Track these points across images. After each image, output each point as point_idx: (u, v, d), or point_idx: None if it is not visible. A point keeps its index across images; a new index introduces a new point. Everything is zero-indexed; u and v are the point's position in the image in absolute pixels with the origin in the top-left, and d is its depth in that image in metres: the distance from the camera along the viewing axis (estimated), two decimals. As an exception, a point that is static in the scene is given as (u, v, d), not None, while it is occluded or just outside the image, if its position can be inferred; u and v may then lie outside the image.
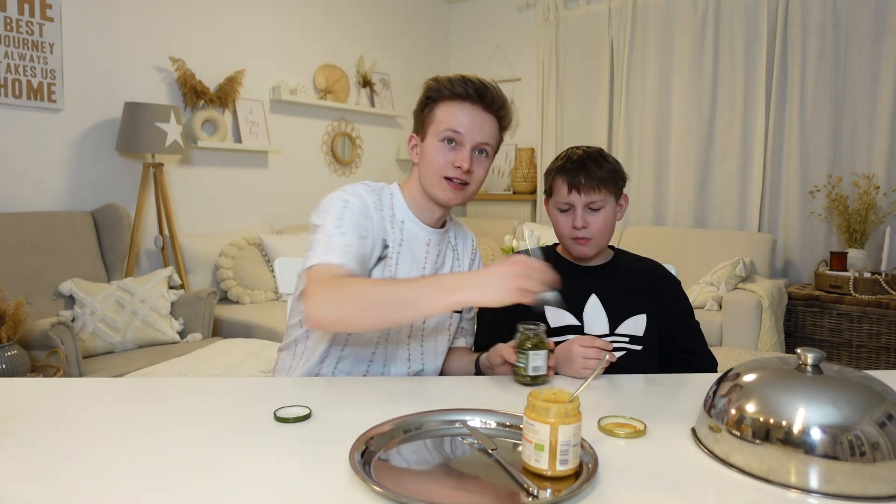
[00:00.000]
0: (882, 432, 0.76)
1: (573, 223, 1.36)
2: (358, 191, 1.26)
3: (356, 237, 1.18)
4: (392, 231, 1.28)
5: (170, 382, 1.20)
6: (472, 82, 1.23)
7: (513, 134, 5.01)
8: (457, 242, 1.42)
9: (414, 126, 1.33)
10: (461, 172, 1.22)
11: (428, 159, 1.25)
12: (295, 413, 0.96)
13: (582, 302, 1.39)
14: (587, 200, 1.34)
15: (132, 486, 0.75)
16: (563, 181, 1.36)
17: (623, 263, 1.47)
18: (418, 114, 1.30)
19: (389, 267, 1.27)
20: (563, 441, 0.76)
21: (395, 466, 0.82)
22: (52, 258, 2.66)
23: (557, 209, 1.39)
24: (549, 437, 0.76)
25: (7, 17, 2.70)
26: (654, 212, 4.35)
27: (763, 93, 3.87)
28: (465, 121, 1.23)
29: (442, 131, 1.23)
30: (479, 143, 1.24)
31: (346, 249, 1.14)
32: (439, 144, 1.24)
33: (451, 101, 1.24)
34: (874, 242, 3.62)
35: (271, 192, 3.91)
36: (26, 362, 2.14)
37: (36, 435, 0.90)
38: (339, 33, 4.32)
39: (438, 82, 1.25)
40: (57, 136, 2.91)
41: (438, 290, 1.01)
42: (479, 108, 1.24)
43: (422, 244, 1.31)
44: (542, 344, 1.15)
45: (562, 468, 0.77)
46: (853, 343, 3.31)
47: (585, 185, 1.33)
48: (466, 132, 1.23)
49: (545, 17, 4.67)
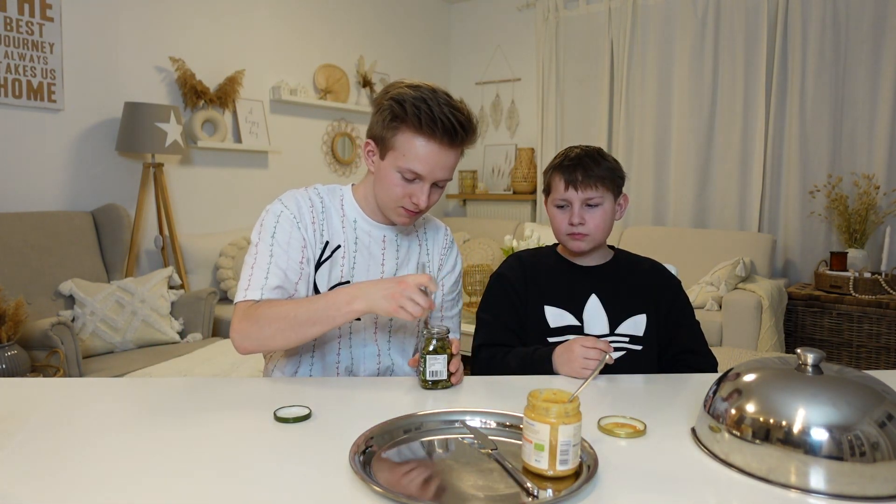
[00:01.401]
0: (882, 432, 0.76)
1: (570, 219, 1.36)
2: (296, 198, 1.28)
3: (283, 254, 1.22)
4: (345, 231, 1.30)
5: (170, 382, 1.20)
6: (442, 122, 1.14)
7: (513, 134, 5.02)
8: (426, 236, 1.41)
9: (371, 130, 1.24)
10: (417, 207, 1.22)
11: (385, 186, 1.22)
12: (295, 413, 0.96)
13: (582, 302, 1.39)
14: (584, 197, 1.35)
15: (132, 486, 0.75)
16: (560, 178, 1.37)
17: (623, 263, 1.47)
18: (380, 125, 1.21)
19: (340, 267, 1.28)
20: (563, 441, 0.77)
21: (395, 467, 0.82)
22: (52, 258, 2.66)
23: (555, 206, 1.39)
24: (549, 437, 0.77)
25: (7, 17, 2.70)
26: (654, 212, 4.35)
27: (763, 93, 3.87)
28: (427, 162, 1.17)
29: (402, 167, 1.18)
30: (439, 180, 1.21)
31: (266, 281, 1.21)
32: (397, 176, 1.19)
33: (416, 134, 1.16)
34: (874, 242, 3.62)
35: (271, 192, 3.91)
36: (26, 362, 2.14)
37: (36, 435, 0.90)
38: (339, 33, 4.32)
39: (405, 108, 1.15)
40: (57, 136, 2.91)
41: (337, 304, 1.12)
42: (445, 147, 1.17)
43: (377, 242, 1.32)
44: (442, 349, 1.12)
45: (562, 468, 0.77)
46: (853, 343, 3.31)
47: (582, 181, 1.34)
48: (428, 173, 1.18)
49: (545, 17, 4.67)
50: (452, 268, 1.45)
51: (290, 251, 1.24)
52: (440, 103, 1.15)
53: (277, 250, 1.23)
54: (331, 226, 1.29)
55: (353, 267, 1.30)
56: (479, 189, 5.05)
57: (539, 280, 1.42)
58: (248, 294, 1.20)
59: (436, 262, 1.42)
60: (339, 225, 1.30)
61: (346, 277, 1.29)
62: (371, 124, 1.25)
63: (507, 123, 5.04)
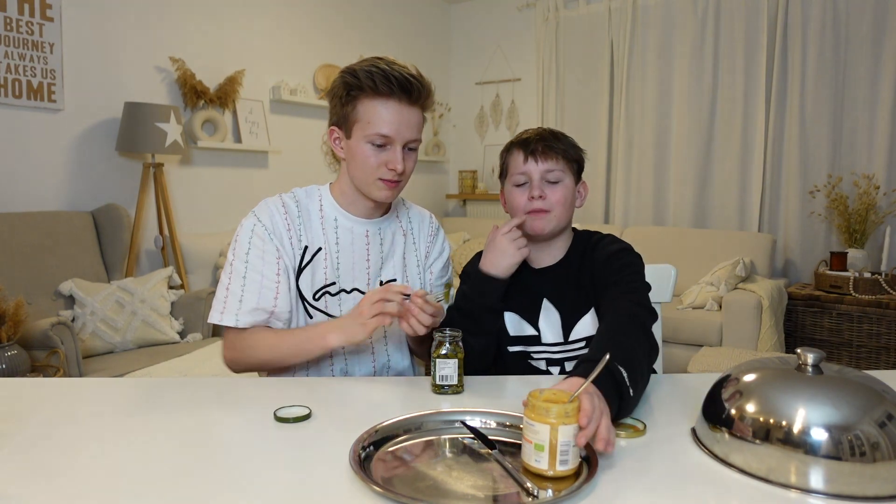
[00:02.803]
0: (882, 432, 0.76)
1: (530, 194, 1.26)
2: (269, 208, 1.28)
3: (257, 274, 1.24)
4: (325, 232, 1.29)
5: (170, 382, 1.20)
6: (396, 77, 1.17)
7: (513, 134, 5.01)
8: (411, 226, 1.41)
9: (332, 117, 1.26)
10: (395, 174, 1.22)
11: (359, 161, 1.23)
12: (295, 413, 0.96)
13: (537, 308, 1.30)
14: (544, 168, 1.25)
15: (132, 486, 0.75)
16: (518, 151, 1.28)
17: (578, 252, 1.33)
18: (339, 106, 1.23)
19: (323, 270, 1.28)
20: (563, 441, 0.76)
21: (396, 466, 0.82)
22: (52, 258, 2.66)
23: (513, 184, 1.29)
24: (549, 437, 0.76)
25: (7, 17, 2.70)
26: (654, 212, 4.35)
27: (763, 93, 3.87)
28: (392, 121, 1.18)
29: (370, 135, 1.19)
30: (409, 141, 1.23)
31: (241, 305, 1.24)
32: (368, 147, 1.20)
33: (375, 97, 1.18)
34: (874, 242, 3.62)
35: (271, 192, 3.88)
36: (26, 362, 2.14)
37: (36, 435, 0.90)
38: (339, 33, 4.32)
39: (358, 77, 1.18)
40: (57, 136, 2.91)
41: (311, 339, 1.18)
42: (405, 104, 1.19)
43: (360, 238, 1.32)
44: (454, 353, 1.09)
45: (562, 468, 0.77)
46: (853, 343, 3.31)
47: (542, 152, 1.25)
48: (396, 133, 1.19)
49: (545, 17, 4.67)
50: (440, 253, 1.45)
51: (265, 268, 1.24)
52: (389, 64, 1.19)
53: (251, 271, 1.24)
54: (309, 229, 1.29)
55: (338, 267, 1.29)
56: (479, 189, 5.05)
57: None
58: (223, 318, 1.24)
59: (422, 250, 1.42)
60: (318, 226, 1.30)
61: (332, 279, 1.29)
62: (330, 115, 1.27)
63: (507, 123, 5.04)
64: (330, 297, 1.29)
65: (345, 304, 1.30)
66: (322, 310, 1.29)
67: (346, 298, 1.30)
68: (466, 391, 1.12)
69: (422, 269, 1.41)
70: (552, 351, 1.29)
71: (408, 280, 1.37)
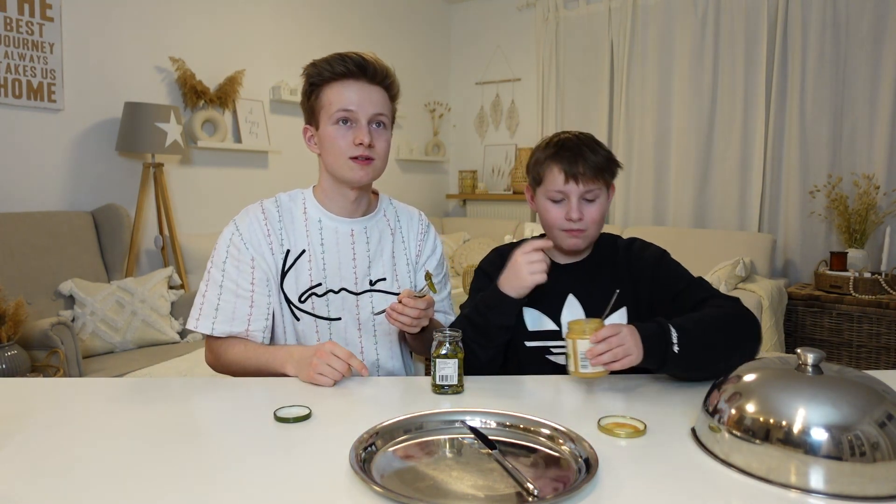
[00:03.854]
0: (882, 432, 0.76)
1: (567, 214, 1.25)
2: (248, 217, 1.31)
3: (232, 284, 1.27)
4: (309, 234, 1.31)
5: (170, 382, 1.20)
6: (351, 58, 1.24)
7: (513, 134, 5.02)
8: (399, 225, 1.41)
9: (305, 117, 1.32)
10: (364, 148, 1.24)
11: (328, 145, 1.26)
12: (295, 413, 0.96)
13: (559, 304, 1.30)
14: (584, 190, 1.25)
15: (132, 486, 0.75)
16: (559, 169, 1.26)
17: (604, 252, 1.36)
18: (305, 103, 1.30)
19: (308, 272, 1.29)
20: (581, 351, 1.06)
21: (396, 466, 0.82)
22: (52, 258, 2.66)
23: (549, 199, 1.28)
24: (571, 347, 1.07)
25: (7, 17, 2.70)
26: (654, 212, 4.35)
27: (763, 93, 3.87)
28: (353, 97, 1.24)
29: (334, 113, 1.24)
30: (374, 116, 1.26)
31: (217, 313, 1.27)
32: (334, 128, 1.25)
33: (335, 81, 1.25)
34: (874, 242, 3.62)
35: (271, 192, 3.88)
36: (26, 362, 2.14)
37: (36, 435, 0.90)
38: (340, 33, 4.32)
39: (317, 66, 1.25)
40: (57, 136, 2.91)
41: (272, 363, 1.22)
42: (364, 82, 1.25)
43: (345, 238, 1.33)
44: (454, 353, 1.10)
45: (583, 370, 1.06)
46: (853, 343, 3.31)
47: (584, 174, 1.24)
48: (358, 107, 1.24)
49: (545, 17, 4.67)
50: (432, 251, 1.45)
51: (240, 278, 1.27)
52: (346, 52, 1.26)
53: (227, 280, 1.28)
54: (291, 232, 1.30)
55: (324, 268, 1.30)
56: (479, 189, 5.05)
57: None
58: (199, 325, 1.28)
59: (413, 249, 1.42)
60: (302, 229, 1.31)
61: (318, 280, 1.30)
62: (305, 116, 1.32)
63: (507, 123, 5.04)
64: (317, 298, 1.30)
65: (332, 305, 1.31)
66: (309, 311, 1.30)
67: (333, 299, 1.31)
68: (466, 391, 1.12)
69: (412, 268, 1.41)
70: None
71: (397, 278, 1.37)
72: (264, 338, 1.30)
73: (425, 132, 5.13)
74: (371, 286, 1.34)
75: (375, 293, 1.35)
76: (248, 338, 1.29)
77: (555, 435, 0.89)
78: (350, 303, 1.32)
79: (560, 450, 0.87)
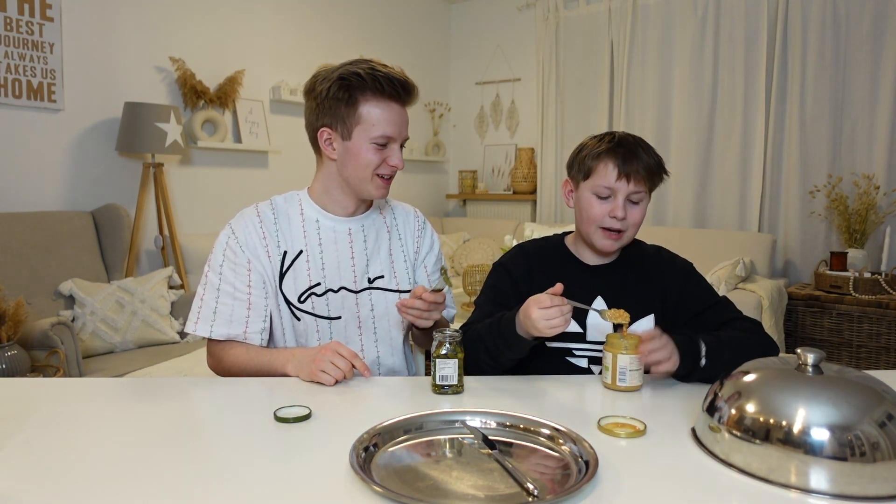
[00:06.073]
0: (882, 432, 0.76)
1: (612, 212, 1.23)
2: (244, 220, 1.31)
3: (229, 287, 1.28)
4: (307, 235, 1.31)
5: (170, 382, 1.20)
6: (397, 80, 1.24)
7: (513, 134, 5.02)
8: (395, 222, 1.42)
9: (324, 118, 1.26)
10: (393, 170, 1.28)
11: (358, 162, 1.26)
12: (295, 413, 0.96)
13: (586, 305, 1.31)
14: (633, 190, 1.23)
15: (132, 486, 0.75)
16: (613, 165, 1.23)
17: (633, 257, 1.36)
18: (335, 106, 1.23)
19: (306, 272, 1.30)
20: (621, 366, 1.11)
21: (395, 466, 0.82)
22: (52, 258, 2.66)
23: (595, 194, 1.25)
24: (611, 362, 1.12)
25: (7, 17, 2.70)
26: (654, 212, 4.35)
27: (763, 93, 3.87)
28: (396, 120, 1.25)
29: (376, 136, 1.24)
30: (405, 139, 1.30)
31: (215, 317, 1.28)
32: (371, 147, 1.25)
33: (375, 98, 1.23)
34: (874, 242, 3.62)
35: (271, 192, 3.88)
36: (26, 362, 2.14)
37: (36, 435, 0.90)
38: (339, 33, 4.32)
39: (363, 79, 1.22)
40: (57, 136, 2.91)
41: (273, 364, 1.23)
42: (402, 106, 1.27)
43: (343, 237, 1.34)
44: (453, 353, 1.10)
45: (620, 384, 1.12)
46: (853, 343, 3.31)
47: (637, 173, 1.22)
48: (398, 134, 1.26)
49: (545, 17, 4.67)
50: (430, 247, 1.46)
51: (237, 281, 1.28)
52: (381, 67, 1.24)
53: (224, 283, 1.29)
54: (288, 234, 1.31)
55: (323, 268, 1.31)
56: (479, 189, 5.05)
57: (543, 277, 1.29)
58: (197, 329, 1.29)
59: (411, 246, 1.42)
60: (299, 230, 1.32)
61: (317, 280, 1.30)
62: (315, 115, 1.28)
63: (507, 123, 5.04)
64: (316, 298, 1.31)
65: (332, 304, 1.32)
66: (309, 311, 1.31)
67: (333, 298, 1.32)
68: (466, 391, 1.12)
69: (410, 265, 1.41)
70: (598, 349, 1.28)
71: (396, 275, 1.38)
72: (262, 340, 1.30)
73: (425, 132, 5.13)
74: (370, 284, 1.35)
75: (374, 291, 1.35)
76: (246, 340, 1.29)
77: (555, 435, 0.89)
78: (350, 301, 1.33)
79: (560, 450, 0.87)
